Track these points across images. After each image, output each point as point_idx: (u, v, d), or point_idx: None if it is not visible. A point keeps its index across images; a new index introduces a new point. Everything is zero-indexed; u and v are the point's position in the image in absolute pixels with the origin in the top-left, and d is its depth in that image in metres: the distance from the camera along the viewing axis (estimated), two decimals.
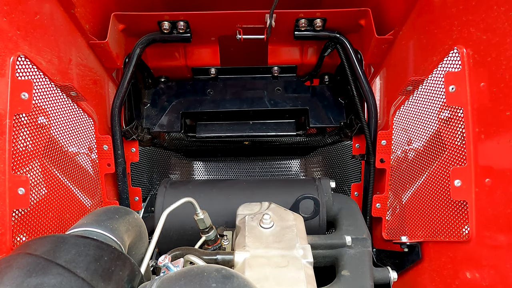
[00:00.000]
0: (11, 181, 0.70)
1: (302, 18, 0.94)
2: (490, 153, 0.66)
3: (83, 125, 0.92)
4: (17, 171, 0.71)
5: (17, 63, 0.71)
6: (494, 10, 0.62)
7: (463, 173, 0.72)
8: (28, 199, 0.72)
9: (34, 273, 0.41)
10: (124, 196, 1.05)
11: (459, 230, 0.73)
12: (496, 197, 0.65)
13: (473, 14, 0.67)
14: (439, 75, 0.77)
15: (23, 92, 0.72)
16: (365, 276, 0.73)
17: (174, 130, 1.11)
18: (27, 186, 0.72)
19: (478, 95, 0.68)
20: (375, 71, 1.06)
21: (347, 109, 1.12)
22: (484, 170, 0.68)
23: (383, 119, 1.01)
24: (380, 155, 0.96)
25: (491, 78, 0.64)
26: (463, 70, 0.70)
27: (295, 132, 1.16)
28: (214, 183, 0.99)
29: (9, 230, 0.69)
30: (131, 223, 0.63)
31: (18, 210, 0.72)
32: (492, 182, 0.66)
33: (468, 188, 0.71)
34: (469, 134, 0.70)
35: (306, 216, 0.80)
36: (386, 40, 0.92)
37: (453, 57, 0.73)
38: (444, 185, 0.77)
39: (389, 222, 0.97)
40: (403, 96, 0.91)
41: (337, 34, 0.97)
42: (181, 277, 0.45)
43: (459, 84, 0.71)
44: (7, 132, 0.69)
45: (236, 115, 1.14)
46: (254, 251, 0.65)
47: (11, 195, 0.70)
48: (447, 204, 0.77)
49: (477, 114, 0.69)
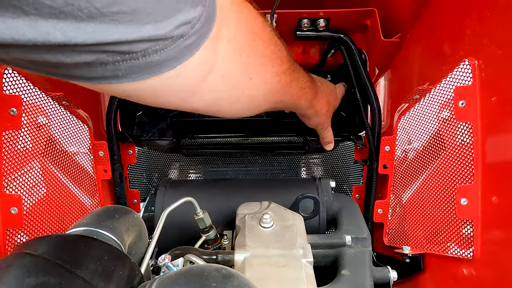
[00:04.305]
0: (4, 201, 0.69)
1: (304, 18, 0.90)
2: (498, 171, 0.64)
3: (79, 131, 0.91)
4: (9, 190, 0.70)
5: (4, 76, 0.68)
6: (511, 23, 0.58)
7: (469, 191, 0.69)
8: (22, 218, 0.71)
9: (34, 273, 0.41)
10: (122, 201, 1.05)
11: (464, 248, 0.71)
12: (503, 215, 0.62)
13: (487, 25, 0.63)
14: (448, 86, 0.73)
15: (12, 108, 0.69)
16: (365, 275, 0.73)
17: (165, 138, 1.09)
18: (20, 205, 0.71)
19: (489, 111, 0.65)
20: (380, 72, 1.03)
21: (347, 122, 1.09)
22: (492, 188, 0.65)
23: (386, 122, 0.99)
24: (383, 160, 0.94)
25: (504, 95, 0.61)
26: (474, 84, 0.67)
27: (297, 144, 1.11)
28: (214, 183, 0.99)
29: (3, 250, 0.69)
30: (131, 223, 0.63)
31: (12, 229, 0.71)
32: (499, 201, 0.63)
33: (475, 207, 0.68)
34: (478, 151, 0.67)
35: (306, 216, 0.80)
36: (392, 43, 0.88)
37: (464, 70, 0.69)
38: (449, 201, 0.75)
39: (391, 229, 0.95)
40: (408, 103, 0.88)
41: (341, 34, 0.94)
42: (181, 277, 0.45)
43: (470, 99, 0.68)
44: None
45: (231, 124, 1.11)
46: (254, 250, 0.65)
47: (4, 214, 0.68)
48: (452, 220, 0.75)
49: (486, 131, 0.66)
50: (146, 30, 0.32)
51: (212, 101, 0.50)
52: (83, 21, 0.28)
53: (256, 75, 0.52)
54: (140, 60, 0.34)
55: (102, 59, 0.33)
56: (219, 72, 0.45)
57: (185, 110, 0.50)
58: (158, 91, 0.41)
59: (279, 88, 0.59)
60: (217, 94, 0.49)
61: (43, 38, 0.28)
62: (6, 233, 0.69)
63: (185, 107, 0.49)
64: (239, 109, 0.56)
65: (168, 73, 0.38)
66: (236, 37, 0.45)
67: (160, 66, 0.36)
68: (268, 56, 0.54)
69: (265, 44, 0.52)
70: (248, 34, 0.48)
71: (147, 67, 0.36)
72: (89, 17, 0.28)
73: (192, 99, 0.47)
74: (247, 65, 0.50)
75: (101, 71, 0.34)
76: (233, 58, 0.47)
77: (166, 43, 0.34)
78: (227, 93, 0.50)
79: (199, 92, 0.46)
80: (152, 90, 0.40)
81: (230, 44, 0.45)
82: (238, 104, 0.54)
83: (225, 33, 0.43)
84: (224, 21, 0.43)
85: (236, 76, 0.49)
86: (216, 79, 0.46)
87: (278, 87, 0.59)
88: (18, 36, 0.28)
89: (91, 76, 0.35)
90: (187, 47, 0.37)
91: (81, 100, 0.89)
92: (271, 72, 0.56)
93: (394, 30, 0.89)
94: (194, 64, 0.40)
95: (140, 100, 0.43)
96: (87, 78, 0.35)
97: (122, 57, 0.33)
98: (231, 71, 0.47)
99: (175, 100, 0.46)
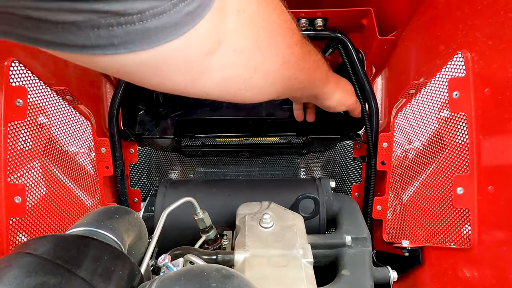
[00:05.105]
0: (7, 190, 0.69)
1: (303, 17, 0.92)
2: (493, 161, 0.65)
3: (81, 127, 0.92)
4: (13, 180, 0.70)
5: (11, 68, 0.69)
6: (501, 15, 0.60)
7: (465, 180, 0.70)
8: (25, 207, 0.72)
9: (34, 273, 0.41)
10: (123, 198, 1.05)
11: (461, 237, 0.73)
12: (499, 205, 0.63)
13: (479, 19, 0.65)
14: (443, 79, 0.75)
15: (18, 99, 0.71)
16: (365, 275, 0.73)
17: (166, 136, 1.09)
18: (24, 195, 0.71)
19: (482, 102, 0.66)
20: (377, 71, 1.05)
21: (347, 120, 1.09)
22: (487, 178, 0.66)
23: (384, 120, 1.00)
24: (381, 157, 0.95)
25: (496, 85, 0.62)
26: (467, 76, 0.68)
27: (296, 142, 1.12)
28: (214, 183, 0.99)
29: (5, 239, 0.69)
30: (131, 223, 0.63)
31: (15, 218, 0.71)
32: (495, 190, 0.64)
33: (471, 196, 0.70)
34: (473, 141, 0.69)
35: (306, 216, 0.80)
36: (388, 40, 0.90)
37: (457, 62, 0.71)
38: (446, 191, 0.76)
39: (390, 225, 0.96)
40: (405, 98, 0.89)
41: (338, 33, 0.95)
42: (181, 277, 0.45)
43: (463, 90, 0.70)
44: (2, 140, 0.68)
45: (232, 123, 1.11)
46: (254, 250, 0.65)
47: (8, 204, 0.69)
48: (449, 211, 0.76)
49: (481, 121, 0.67)
50: None
51: (224, 81, 0.46)
52: None
53: (269, 47, 0.49)
54: (137, 25, 0.31)
55: (94, 21, 0.29)
56: (230, 47, 0.42)
57: (195, 95, 0.46)
58: (161, 68, 0.37)
59: (293, 61, 0.57)
60: (229, 71, 0.45)
61: None
62: (8, 223, 0.69)
63: (195, 91, 0.45)
64: (254, 89, 0.52)
65: (170, 44, 0.34)
66: (247, 8, 0.42)
67: (160, 34, 0.33)
68: (281, 26, 0.50)
69: (276, 14, 0.49)
70: (259, 3, 0.45)
71: (146, 35, 0.32)
72: None
73: (202, 79, 0.42)
74: (259, 37, 0.46)
75: (94, 38, 0.30)
76: (244, 31, 0.43)
77: (166, 7, 0.31)
78: (240, 69, 0.47)
79: (209, 70, 0.42)
80: (153, 65, 0.36)
81: (240, 15, 0.41)
82: (253, 82, 0.51)
83: (234, 3, 0.40)
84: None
85: (249, 49, 0.45)
86: (227, 54, 0.42)
87: (291, 60, 0.56)
88: None
89: (83, 43, 0.31)
90: (189, 14, 0.33)
91: (84, 96, 0.89)
92: (283, 43, 0.52)
93: (389, 28, 0.90)
94: (199, 36, 0.36)
95: (143, 80, 0.39)
96: (78, 46, 0.31)
97: (117, 20, 0.30)
98: (243, 45, 0.44)
99: (182, 80, 0.41)
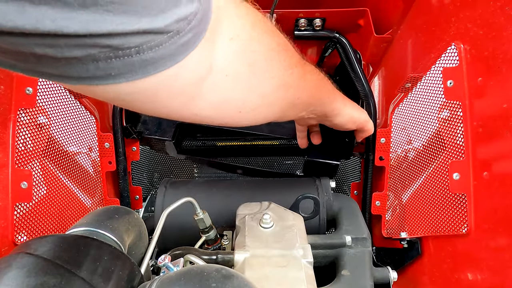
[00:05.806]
0: (14, 175, 0.70)
1: (301, 17, 0.94)
2: (488, 147, 0.67)
3: (85, 123, 0.93)
4: (20, 166, 0.71)
5: None
6: (491, 5, 0.63)
7: (461, 166, 0.73)
8: (31, 193, 0.73)
9: (34, 273, 0.41)
10: (125, 195, 1.05)
11: (458, 223, 0.74)
12: (494, 190, 0.66)
13: (470, 10, 0.68)
14: (437, 71, 0.78)
15: (28, 87, 0.72)
16: (365, 276, 0.73)
17: (165, 137, 1.08)
18: (30, 180, 0.72)
19: (476, 89, 0.69)
20: (374, 70, 1.06)
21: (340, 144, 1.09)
22: (482, 164, 0.69)
23: (382, 118, 1.01)
24: (379, 153, 0.96)
25: (489, 72, 0.65)
26: (461, 65, 0.71)
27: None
28: (214, 183, 0.98)
29: (11, 224, 0.69)
30: (131, 223, 0.63)
31: (20, 204, 0.71)
32: (490, 175, 0.67)
33: (467, 181, 0.72)
34: (467, 127, 0.71)
35: (306, 216, 0.80)
36: (384, 39, 0.92)
37: (451, 53, 0.74)
38: (443, 179, 0.78)
39: (388, 220, 0.97)
40: (402, 93, 0.91)
41: (336, 33, 0.97)
42: (181, 277, 0.45)
43: (457, 78, 0.72)
44: (11, 126, 0.69)
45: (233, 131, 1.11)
46: (254, 250, 0.65)
47: (14, 188, 0.70)
48: (446, 198, 0.78)
49: (475, 108, 0.70)
50: (142, 23, 0.31)
51: (219, 104, 0.47)
52: (75, 10, 0.27)
53: (264, 71, 0.50)
54: (134, 57, 0.33)
55: (94, 55, 0.31)
56: (222, 72, 0.44)
57: (190, 119, 0.47)
58: (155, 95, 0.39)
59: (291, 81, 0.56)
60: (223, 95, 0.47)
61: (32, 26, 0.26)
62: (14, 208, 0.70)
63: (190, 114, 0.46)
64: (253, 111, 0.52)
65: (164, 73, 0.36)
66: (239, 35, 0.44)
67: (155, 65, 0.35)
68: (275, 49, 0.51)
69: (270, 37, 0.50)
70: (252, 30, 0.46)
71: (142, 66, 0.34)
72: (82, 6, 0.27)
73: (196, 102, 0.44)
74: (253, 62, 0.48)
75: (93, 70, 0.32)
76: (237, 57, 0.45)
77: (162, 39, 0.33)
78: (234, 93, 0.48)
79: (202, 95, 0.44)
80: (148, 93, 0.38)
81: (233, 42, 0.43)
82: (250, 105, 0.51)
83: (226, 31, 0.42)
84: (224, 19, 0.42)
85: (242, 74, 0.47)
86: (219, 79, 0.44)
87: (290, 81, 0.56)
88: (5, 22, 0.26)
89: (83, 75, 0.33)
90: (184, 45, 0.35)
91: None
92: (280, 66, 0.53)
93: (385, 27, 0.93)
94: (191, 64, 0.38)
95: (138, 106, 0.41)
96: (78, 78, 0.33)
97: (115, 53, 0.31)
98: (235, 70, 0.46)
99: (176, 105, 0.43)
